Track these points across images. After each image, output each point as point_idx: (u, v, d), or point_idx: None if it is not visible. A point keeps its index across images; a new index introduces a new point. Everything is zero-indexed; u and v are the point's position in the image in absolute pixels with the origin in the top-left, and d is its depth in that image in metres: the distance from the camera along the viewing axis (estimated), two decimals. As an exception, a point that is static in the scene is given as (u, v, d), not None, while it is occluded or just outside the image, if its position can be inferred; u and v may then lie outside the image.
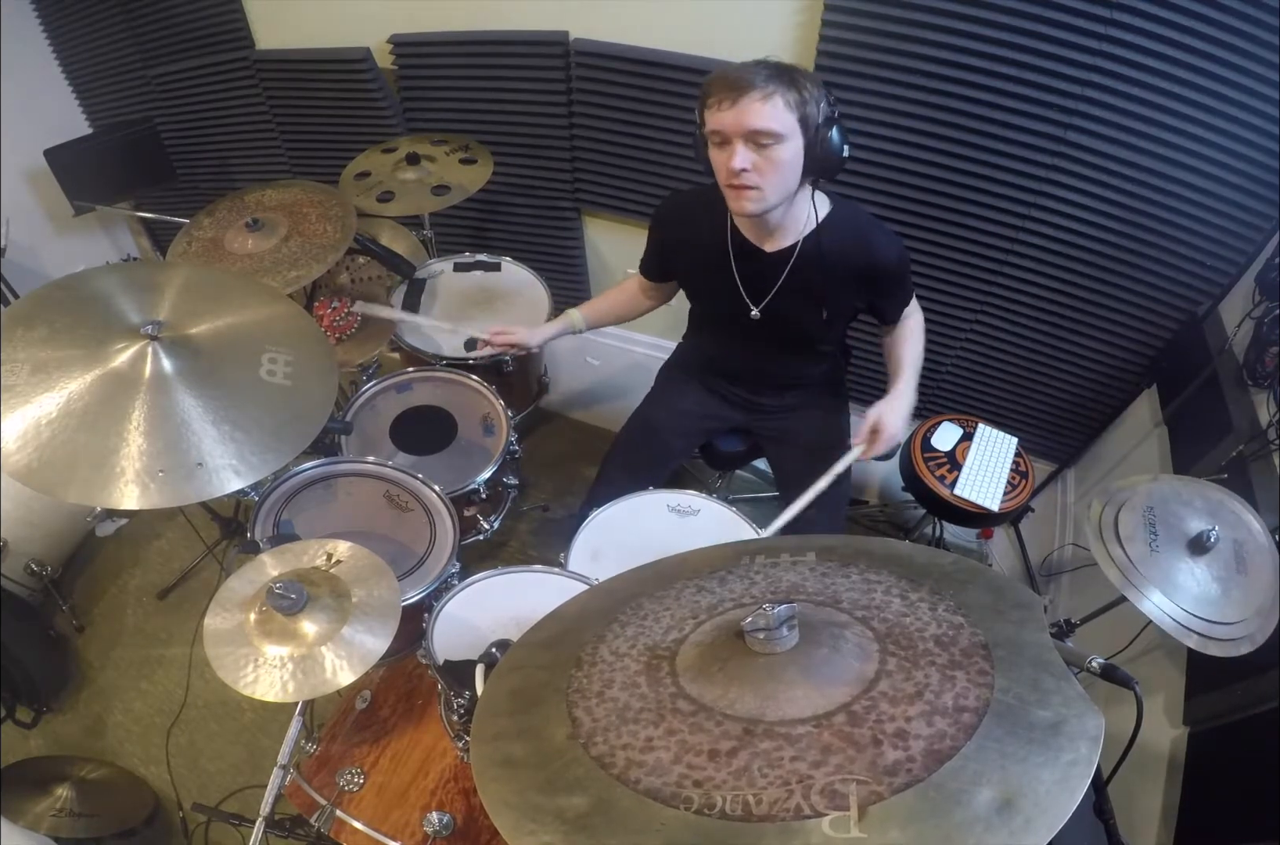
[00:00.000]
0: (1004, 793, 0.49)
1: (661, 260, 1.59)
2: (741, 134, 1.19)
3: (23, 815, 1.63)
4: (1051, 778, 0.50)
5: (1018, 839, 0.47)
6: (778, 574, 0.77)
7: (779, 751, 0.55)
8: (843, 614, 0.68)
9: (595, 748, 0.60)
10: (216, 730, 2.03)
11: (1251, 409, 1.52)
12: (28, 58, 2.56)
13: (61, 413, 1.09)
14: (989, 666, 0.59)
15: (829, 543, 0.82)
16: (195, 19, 2.29)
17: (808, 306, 1.46)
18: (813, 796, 0.51)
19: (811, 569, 0.77)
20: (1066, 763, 0.51)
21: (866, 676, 0.60)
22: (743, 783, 0.53)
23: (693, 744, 0.58)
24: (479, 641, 1.23)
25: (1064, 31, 1.50)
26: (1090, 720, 0.54)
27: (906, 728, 0.55)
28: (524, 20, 1.94)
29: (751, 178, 1.22)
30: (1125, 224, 1.74)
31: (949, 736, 0.53)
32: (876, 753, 0.53)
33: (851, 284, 1.43)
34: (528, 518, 2.49)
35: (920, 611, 0.67)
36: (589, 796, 0.56)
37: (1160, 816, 1.34)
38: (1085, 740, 0.52)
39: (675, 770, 0.56)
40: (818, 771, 0.53)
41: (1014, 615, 0.66)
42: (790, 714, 0.58)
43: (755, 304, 1.47)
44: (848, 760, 0.53)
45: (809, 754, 0.54)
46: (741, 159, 1.21)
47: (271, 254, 1.67)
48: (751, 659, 0.63)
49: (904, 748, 0.53)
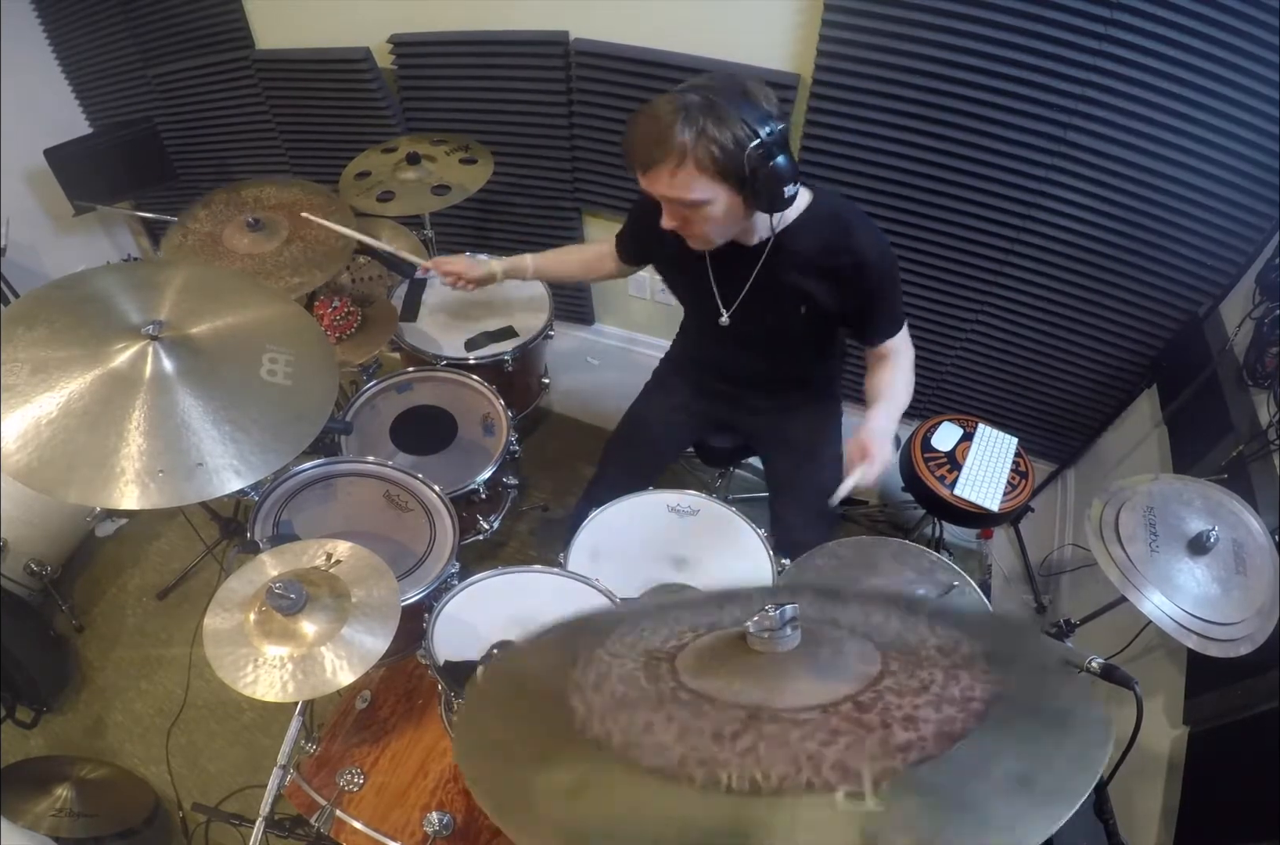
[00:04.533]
0: (1021, 769, 0.48)
1: (640, 249, 1.56)
2: (663, 199, 1.17)
3: (23, 815, 1.63)
4: (1068, 755, 0.49)
5: (1037, 810, 0.45)
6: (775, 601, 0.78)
7: (786, 734, 0.52)
8: (841, 630, 0.67)
9: (591, 730, 0.56)
10: (216, 730, 2.03)
11: (1251, 409, 1.52)
12: (28, 58, 2.56)
13: (61, 413, 1.09)
14: (990, 669, 0.58)
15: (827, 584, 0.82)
16: (195, 19, 2.29)
17: (784, 305, 1.37)
18: (824, 771, 0.48)
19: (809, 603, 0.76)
20: (1082, 742, 0.50)
21: (870, 673, 0.59)
22: (749, 761, 0.50)
23: (695, 727, 0.54)
24: (479, 642, 1.23)
25: (1064, 32, 1.50)
26: (1098, 710, 0.53)
27: (915, 714, 0.52)
28: (524, 20, 1.94)
29: (688, 229, 1.22)
30: (1125, 224, 1.73)
31: (959, 721, 0.51)
32: (886, 733, 0.51)
33: (830, 281, 1.32)
34: (528, 518, 2.49)
35: (919, 629, 0.66)
36: (583, 774, 0.53)
37: (1160, 816, 1.34)
38: (1098, 723, 0.52)
39: (678, 750, 0.52)
40: (828, 749, 0.50)
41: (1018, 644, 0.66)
42: (796, 703, 0.56)
43: (727, 307, 1.42)
44: (857, 740, 0.50)
45: (817, 735, 0.51)
46: (669, 220, 1.20)
47: (273, 256, 1.67)
48: (754, 657, 0.62)
49: (914, 730, 0.51)
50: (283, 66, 2.27)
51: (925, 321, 2.10)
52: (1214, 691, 1.32)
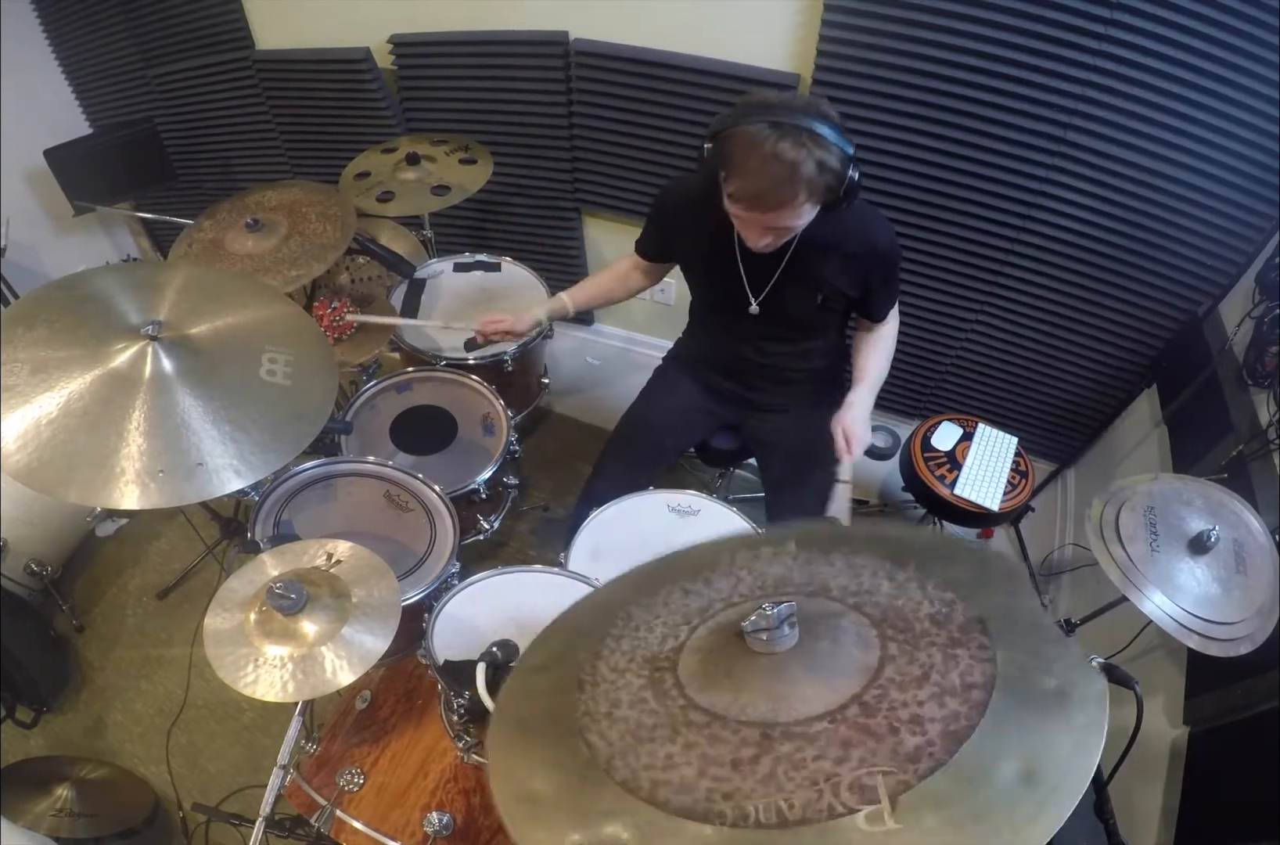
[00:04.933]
0: (1026, 763, 0.50)
1: (663, 246, 1.59)
2: (764, 226, 1.24)
3: (23, 815, 1.63)
4: (1068, 742, 0.51)
5: (1045, 808, 0.47)
6: (761, 568, 0.77)
7: (800, 752, 0.55)
8: (835, 603, 0.68)
9: (618, 773, 0.59)
10: (216, 730, 2.03)
11: (1251, 409, 1.52)
12: (28, 58, 2.56)
13: (61, 413, 1.09)
14: (987, 640, 0.59)
15: (807, 530, 0.82)
16: (195, 19, 2.29)
17: (804, 292, 1.46)
18: (843, 793, 0.51)
19: (794, 559, 0.76)
20: (1080, 726, 0.52)
21: (871, 665, 0.60)
22: (771, 789, 0.53)
23: (714, 756, 0.57)
24: (479, 641, 1.22)
25: (1064, 31, 1.50)
26: (1095, 682, 0.55)
27: (920, 712, 0.55)
28: (524, 20, 1.94)
29: (775, 242, 1.30)
30: (1125, 224, 1.73)
31: (963, 716, 0.54)
32: (896, 741, 0.53)
33: (848, 269, 1.43)
34: (528, 518, 2.49)
35: (910, 591, 0.67)
36: (626, 824, 0.55)
37: (1160, 816, 1.34)
38: (1093, 701, 0.53)
39: (702, 785, 0.55)
40: (842, 768, 0.53)
41: (1002, 586, 0.67)
42: (804, 713, 0.57)
43: (756, 295, 1.48)
44: (869, 752, 0.53)
45: (830, 751, 0.54)
46: (761, 242, 1.28)
47: (272, 254, 1.67)
48: (755, 660, 0.62)
49: (921, 733, 0.53)
50: (283, 66, 2.27)
51: (925, 321, 2.10)
52: (1214, 691, 1.32)
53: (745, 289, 1.47)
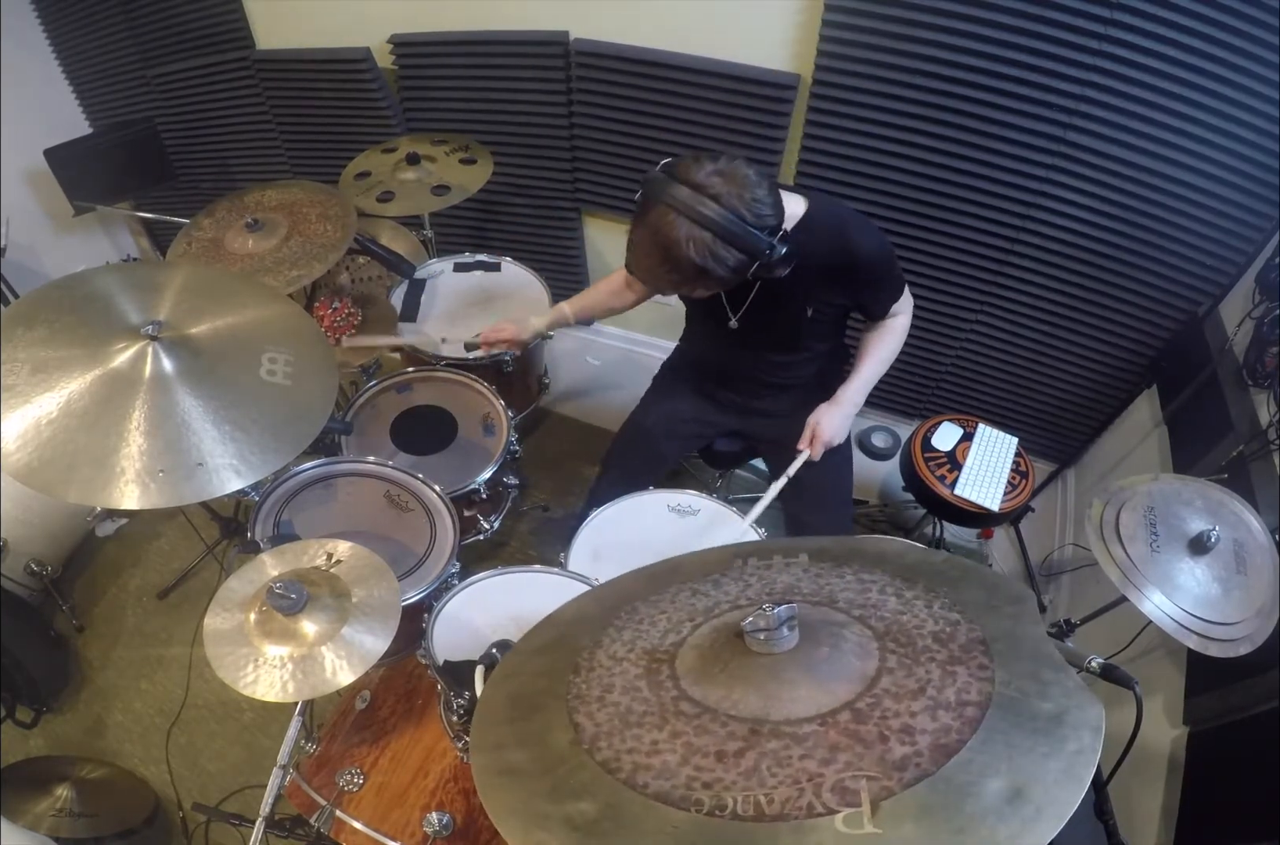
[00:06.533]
0: (1013, 783, 0.49)
1: None
2: None
3: (23, 815, 1.63)
4: (1058, 766, 0.50)
5: (1029, 828, 0.47)
6: (772, 576, 0.77)
7: (787, 751, 0.55)
8: (840, 613, 0.68)
9: (600, 753, 0.59)
10: (216, 730, 2.03)
11: (1251, 409, 1.52)
12: (28, 58, 2.56)
13: (61, 413, 1.09)
14: (988, 661, 0.59)
15: (821, 544, 0.82)
16: (195, 19, 2.30)
17: (789, 308, 1.43)
18: (824, 794, 0.51)
19: (805, 570, 0.77)
20: (1072, 752, 0.51)
21: (868, 674, 0.60)
22: (753, 783, 0.53)
23: (699, 746, 0.57)
24: (479, 642, 1.22)
25: (1064, 32, 1.50)
26: (1091, 710, 0.54)
27: (912, 723, 0.55)
28: (524, 20, 1.94)
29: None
30: (1125, 224, 1.74)
31: (954, 730, 0.53)
32: (884, 749, 0.53)
33: (833, 282, 1.38)
34: (528, 518, 2.49)
35: (917, 609, 0.67)
36: (597, 802, 0.55)
37: (1160, 816, 1.34)
38: (1088, 729, 0.53)
39: (683, 772, 0.55)
40: (827, 769, 0.52)
41: (1008, 610, 0.66)
42: (795, 713, 0.57)
43: (734, 312, 1.46)
44: (856, 757, 0.53)
45: (817, 752, 0.54)
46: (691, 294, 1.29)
47: (272, 254, 1.67)
48: (752, 659, 0.63)
49: (910, 743, 0.53)
50: (283, 66, 2.27)
51: (926, 321, 2.10)
52: (1214, 691, 1.32)
53: (724, 306, 1.46)
